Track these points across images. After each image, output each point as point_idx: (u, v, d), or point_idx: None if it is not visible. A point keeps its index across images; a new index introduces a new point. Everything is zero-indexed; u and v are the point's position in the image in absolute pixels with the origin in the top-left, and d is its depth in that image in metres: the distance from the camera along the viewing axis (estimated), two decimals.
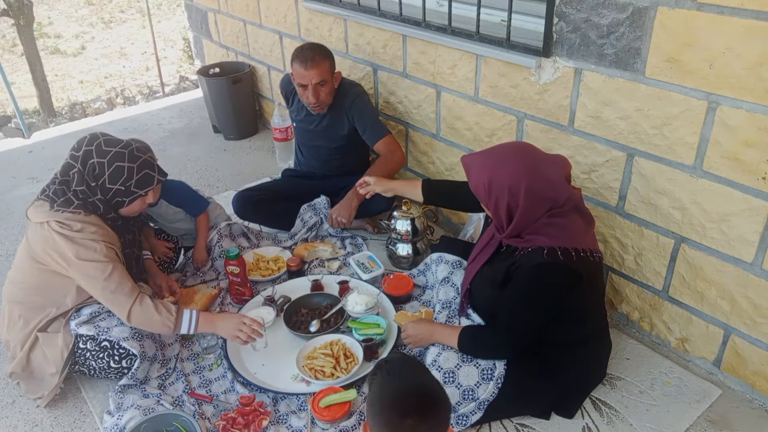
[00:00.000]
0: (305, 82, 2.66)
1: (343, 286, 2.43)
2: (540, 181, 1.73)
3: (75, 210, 1.96)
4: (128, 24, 10.46)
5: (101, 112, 5.85)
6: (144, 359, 2.02)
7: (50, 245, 1.93)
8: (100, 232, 1.97)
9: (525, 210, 1.73)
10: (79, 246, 1.92)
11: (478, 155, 1.86)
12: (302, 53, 2.65)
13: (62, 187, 1.98)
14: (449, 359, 1.89)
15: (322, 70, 2.64)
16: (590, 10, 1.96)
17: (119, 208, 2.05)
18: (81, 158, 1.98)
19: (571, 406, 1.93)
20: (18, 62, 8.35)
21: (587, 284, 1.77)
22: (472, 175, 1.82)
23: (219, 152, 4.01)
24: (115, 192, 2.00)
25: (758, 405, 1.97)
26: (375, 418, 1.25)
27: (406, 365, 1.34)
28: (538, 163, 1.76)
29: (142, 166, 2.04)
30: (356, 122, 2.79)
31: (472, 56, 2.47)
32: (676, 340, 2.17)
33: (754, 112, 1.68)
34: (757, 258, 1.83)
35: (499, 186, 1.73)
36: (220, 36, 4.49)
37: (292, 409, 1.95)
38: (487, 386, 1.84)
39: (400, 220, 2.58)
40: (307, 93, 2.68)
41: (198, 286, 2.50)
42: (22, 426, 2.01)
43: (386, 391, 1.26)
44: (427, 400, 1.24)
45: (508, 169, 1.74)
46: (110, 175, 1.98)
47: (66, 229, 1.92)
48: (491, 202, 1.77)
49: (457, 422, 1.83)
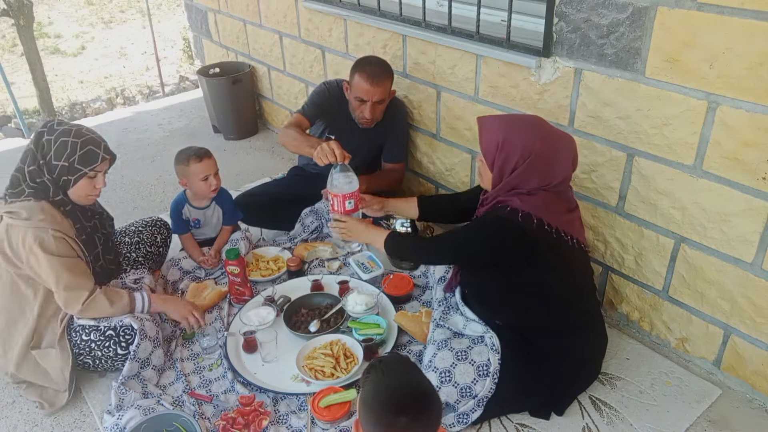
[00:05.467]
0: (366, 98, 2.59)
1: (343, 286, 2.43)
2: (550, 151, 1.80)
3: (25, 198, 1.97)
4: (128, 24, 10.45)
5: (101, 112, 5.85)
6: (144, 338, 2.04)
7: (5, 241, 1.94)
8: (48, 219, 1.96)
9: (524, 171, 1.79)
10: (25, 234, 1.92)
11: (495, 117, 1.95)
12: (370, 68, 2.55)
13: (17, 174, 2.01)
14: (445, 359, 1.89)
15: (386, 89, 2.61)
16: (590, 10, 1.96)
17: (66, 189, 2.03)
18: (35, 140, 2.01)
19: (562, 401, 1.93)
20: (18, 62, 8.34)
21: (548, 258, 1.81)
22: (485, 132, 1.87)
23: (219, 152, 3.97)
24: (60, 169, 1.99)
25: (758, 405, 1.97)
26: (368, 416, 1.26)
27: (400, 365, 1.37)
28: (551, 135, 1.84)
29: (87, 143, 2.02)
30: (388, 139, 2.83)
31: (472, 56, 2.47)
32: (676, 340, 2.17)
33: (754, 112, 1.68)
34: (757, 258, 1.83)
35: (512, 145, 1.79)
36: (220, 36, 4.49)
37: (292, 409, 1.95)
38: (484, 382, 1.85)
39: (400, 220, 2.58)
40: (363, 108, 2.63)
41: (208, 282, 2.51)
42: (22, 426, 2.01)
43: (379, 389, 1.27)
44: (420, 399, 1.27)
45: (525, 131, 1.82)
46: (55, 151, 1.98)
47: (14, 218, 1.93)
48: (499, 158, 1.82)
49: (458, 420, 1.83)
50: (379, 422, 1.24)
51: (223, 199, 2.70)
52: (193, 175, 2.53)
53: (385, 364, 1.33)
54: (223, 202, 2.71)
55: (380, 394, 1.27)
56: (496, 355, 1.88)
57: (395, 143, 2.88)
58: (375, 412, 1.25)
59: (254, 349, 2.16)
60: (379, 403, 1.25)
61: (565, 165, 1.84)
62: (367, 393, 1.28)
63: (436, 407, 1.29)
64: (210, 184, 2.55)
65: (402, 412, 1.22)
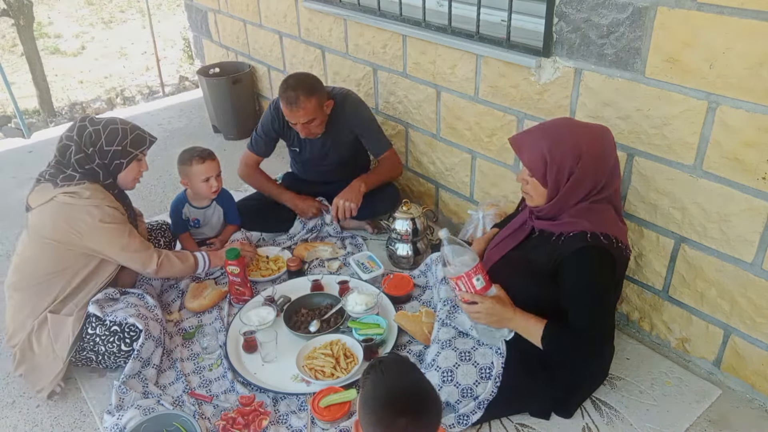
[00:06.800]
0: (293, 121, 2.58)
1: (343, 286, 2.43)
2: (598, 145, 1.71)
3: (79, 181, 2.05)
4: (128, 24, 10.46)
5: (101, 112, 5.85)
6: (148, 337, 2.06)
7: (62, 217, 2.01)
8: (108, 198, 2.09)
9: (581, 175, 1.69)
10: (91, 211, 2.02)
11: (527, 132, 1.80)
12: (286, 94, 2.49)
13: (59, 167, 2.07)
14: (448, 358, 1.89)
15: (309, 110, 2.51)
16: (590, 10, 1.96)
17: (118, 173, 2.15)
18: (76, 133, 2.08)
19: (570, 406, 1.93)
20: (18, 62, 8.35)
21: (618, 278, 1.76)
22: (525, 150, 1.75)
23: (219, 152, 3.94)
24: (113, 154, 2.10)
25: (758, 405, 1.97)
26: (367, 416, 1.26)
27: (399, 365, 1.37)
28: (589, 130, 1.75)
29: (134, 128, 2.17)
30: (359, 134, 2.78)
31: (472, 56, 2.47)
32: (676, 340, 2.17)
33: (754, 112, 1.68)
34: (757, 258, 1.83)
35: (561, 152, 1.69)
36: (220, 36, 4.49)
37: (292, 409, 1.95)
38: (486, 385, 1.85)
39: (400, 220, 2.58)
40: (297, 128, 2.62)
41: (208, 282, 2.51)
42: (22, 426, 2.01)
43: (379, 390, 1.27)
44: (420, 399, 1.27)
45: (566, 134, 1.71)
46: (107, 138, 2.09)
47: (75, 197, 2.02)
48: (551, 170, 1.70)
49: (458, 422, 1.83)
50: (379, 423, 1.24)
51: (224, 198, 2.71)
52: (194, 176, 2.53)
53: (385, 365, 1.33)
54: (224, 202, 2.71)
55: (380, 394, 1.27)
56: (500, 359, 1.87)
57: (367, 132, 2.78)
58: (375, 412, 1.25)
59: (254, 349, 2.16)
60: (378, 404, 1.26)
61: (614, 155, 1.76)
62: (366, 393, 1.29)
63: (435, 408, 1.29)
64: (211, 185, 2.55)
65: (402, 412, 1.22)
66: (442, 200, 3.02)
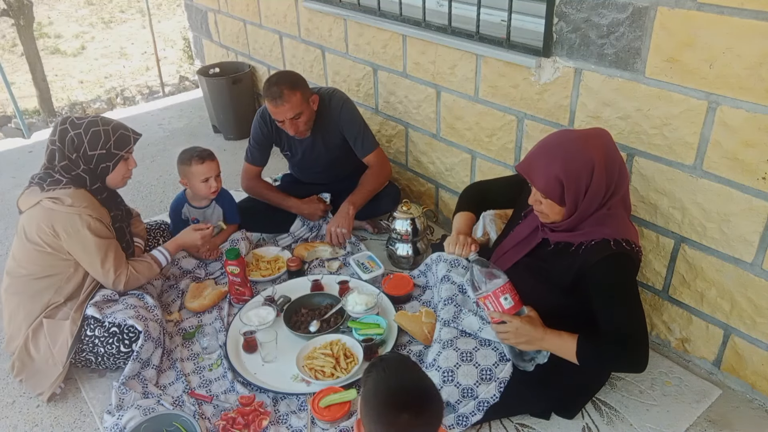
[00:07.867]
0: (279, 119, 2.58)
1: (343, 286, 2.43)
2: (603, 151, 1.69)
3: (65, 186, 2.03)
4: (128, 24, 10.46)
5: (101, 112, 5.85)
6: (148, 338, 2.06)
7: (44, 221, 2.00)
8: (90, 206, 2.05)
9: (596, 187, 1.67)
10: (71, 219, 2.00)
11: (533, 156, 1.75)
12: (270, 91, 2.51)
13: (48, 171, 2.06)
14: (449, 358, 1.89)
15: (294, 104, 2.51)
16: (590, 10, 1.96)
17: (106, 175, 2.13)
18: (58, 138, 2.06)
19: (572, 408, 1.93)
20: (18, 62, 8.35)
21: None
22: (537, 176, 1.71)
23: (219, 152, 3.95)
24: (98, 158, 2.08)
25: (758, 405, 1.97)
26: (369, 414, 1.27)
27: (401, 363, 1.37)
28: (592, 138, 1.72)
29: (117, 128, 2.13)
30: (345, 133, 2.75)
31: (472, 56, 2.47)
32: (676, 340, 2.17)
33: (754, 112, 1.68)
34: (757, 258, 1.83)
35: (575, 170, 1.66)
36: (220, 36, 4.49)
37: (292, 409, 1.95)
38: (487, 386, 1.84)
39: (400, 220, 2.58)
40: (285, 126, 2.61)
41: (208, 282, 2.51)
42: (22, 426, 2.01)
43: (381, 387, 1.28)
44: (422, 396, 1.27)
45: (574, 150, 1.67)
46: (89, 142, 2.06)
47: (58, 203, 2.00)
48: (569, 190, 1.67)
49: (458, 422, 1.83)
50: (381, 420, 1.25)
51: (224, 198, 2.70)
52: (193, 176, 2.53)
53: (387, 363, 1.33)
54: (224, 202, 2.71)
55: (381, 391, 1.27)
56: (507, 364, 1.87)
57: (352, 131, 2.74)
58: (376, 409, 1.25)
59: (254, 349, 2.16)
60: (380, 401, 1.26)
61: (619, 156, 1.74)
62: (368, 391, 1.29)
63: (437, 404, 1.29)
64: (210, 186, 2.55)
65: (403, 409, 1.23)
66: (442, 200, 3.02)
